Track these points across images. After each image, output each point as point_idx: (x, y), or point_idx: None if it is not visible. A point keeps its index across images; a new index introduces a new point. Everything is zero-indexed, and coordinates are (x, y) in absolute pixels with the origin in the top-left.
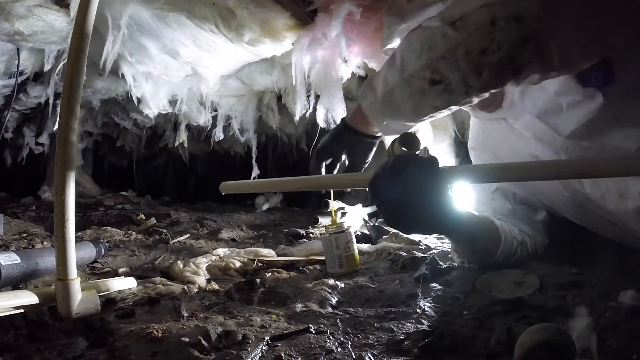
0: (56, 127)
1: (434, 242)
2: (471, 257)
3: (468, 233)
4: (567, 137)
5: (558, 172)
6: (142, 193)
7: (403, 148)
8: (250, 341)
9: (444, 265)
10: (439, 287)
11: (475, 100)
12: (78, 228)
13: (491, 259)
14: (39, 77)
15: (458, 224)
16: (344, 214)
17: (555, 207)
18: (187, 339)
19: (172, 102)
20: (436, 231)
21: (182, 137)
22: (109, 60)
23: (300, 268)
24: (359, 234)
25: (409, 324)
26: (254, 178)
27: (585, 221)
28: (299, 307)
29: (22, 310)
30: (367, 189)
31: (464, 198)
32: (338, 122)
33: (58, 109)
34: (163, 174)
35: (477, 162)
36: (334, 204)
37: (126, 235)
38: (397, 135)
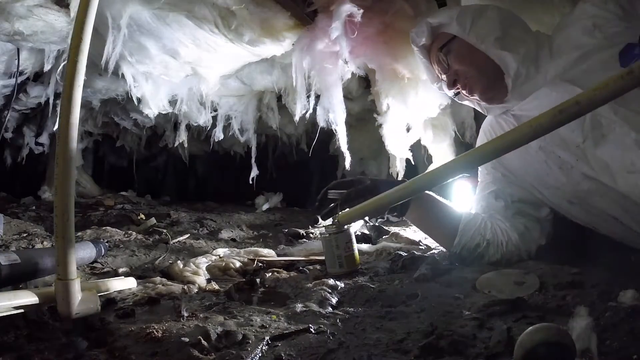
0: (56, 127)
1: (434, 243)
2: (439, 242)
3: (424, 214)
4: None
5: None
6: (142, 193)
7: None
8: (250, 341)
9: (444, 265)
10: (439, 287)
11: None
12: (78, 228)
13: (450, 249)
14: (39, 77)
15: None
16: None
17: (555, 205)
18: (187, 339)
19: (172, 102)
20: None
21: (182, 137)
22: (111, 61)
23: (300, 268)
24: (359, 234)
25: (409, 324)
26: (253, 178)
27: (586, 218)
28: (299, 307)
29: (22, 310)
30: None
31: (465, 197)
32: (338, 122)
33: (58, 109)
34: (163, 174)
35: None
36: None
37: (126, 235)
38: None
